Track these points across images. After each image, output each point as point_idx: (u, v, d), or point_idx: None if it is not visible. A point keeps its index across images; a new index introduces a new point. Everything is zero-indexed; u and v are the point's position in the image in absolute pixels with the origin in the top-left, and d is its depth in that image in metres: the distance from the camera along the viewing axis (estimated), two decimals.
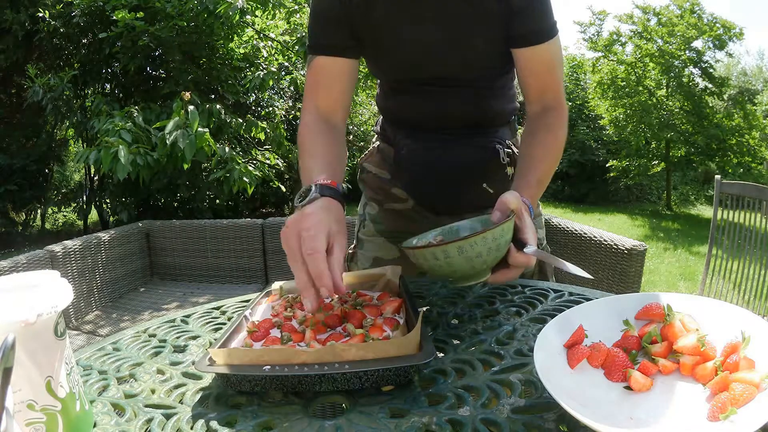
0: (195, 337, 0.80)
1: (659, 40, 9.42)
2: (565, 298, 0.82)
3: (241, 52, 4.85)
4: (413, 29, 0.91)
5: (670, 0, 9.40)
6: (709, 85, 9.49)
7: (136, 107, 3.65)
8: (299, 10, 4.42)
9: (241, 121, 4.28)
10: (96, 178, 6.01)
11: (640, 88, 9.78)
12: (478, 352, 0.67)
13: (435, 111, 1.01)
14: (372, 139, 1.23)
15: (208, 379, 0.65)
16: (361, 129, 7.12)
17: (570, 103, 10.73)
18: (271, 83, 4.62)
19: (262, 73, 4.50)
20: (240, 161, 3.79)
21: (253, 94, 5.28)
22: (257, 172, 3.89)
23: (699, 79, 9.61)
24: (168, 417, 0.57)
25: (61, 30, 4.73)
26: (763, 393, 0.47)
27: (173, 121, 3.19)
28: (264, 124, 4.45)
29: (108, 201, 5.80)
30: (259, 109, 5.55)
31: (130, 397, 0.62)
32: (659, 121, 9.44)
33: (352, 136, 7.07)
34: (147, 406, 0.60)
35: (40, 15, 4.64)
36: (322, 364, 0.57)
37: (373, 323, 0.68)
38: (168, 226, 3.18)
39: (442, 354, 0.67)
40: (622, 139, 10.13)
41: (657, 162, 9.96)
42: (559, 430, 0.50)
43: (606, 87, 10.08)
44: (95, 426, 0.56)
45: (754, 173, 9.21)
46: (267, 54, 4.81)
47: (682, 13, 9.21)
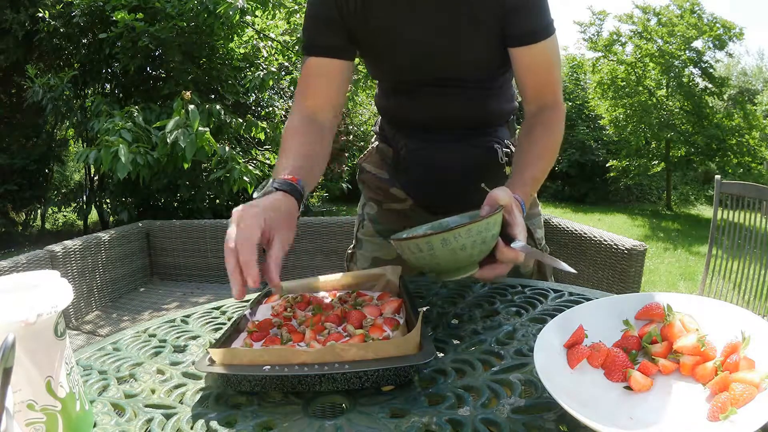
0: (195, 337, 0.80)
1: (659, 40, 9.42)
2: (565, 298, 0.82)
3: (241, 52, 4.85)
4: (411, 31, 0.91)
5: (670, 0, 9.40)
6: (709, 85, 9.49)
7: (136, 107, 3.65)
8: (299, 10, 4.42)
9: (241, 121, 4.28)
10: (96, 178, 6.01)
11: (640, 88, 9.78)
12: (478, 352, 0.67)
13: (434, 111, 1.01)
14: (371, 139, 1.23)
15: (208, 379, 0.65)
16: (361, 129, 7.12)
17: (570, 103, 10.74)
18: (271, 83, 4.62)
19: (262, 73, 4.50)
20: (240, 161, 3.79)
21: (253, 94, 5.27)
22: (257, 172, 3.89)
23: (699, 79, 9.61)
24: (168, 417, 0.57)
25: (61, 30, 4.73)
26: (763, 393, 0.47)
27: (174, 121, 3.19)
28: (264, 124, 4.45)
29: (108, 201, 5.80)
30: (259, 109, 5.54)
31: (130, 397, 0.62)
32: (659, 121, 9.44)
33: (352, 136, 7.08)
34: (147, 406, 0.60)
35: (40, 15, 4.63)
36: (322, 364, 0.57)
37: (373, 323, 0.68)
38: (168, 226, 3.18)
39: (442, 354, 0.67)
40: (622, 139, 10.13)
41: (657, 162, 9.96)
42: (559, 430, 0.50)
43: (606, 87, 10.08)
44: (95, 426, 0.56)
45: (754, 173, 9.20)
46: (267, 54, 4.81)
47: (682, 13, 9.21)
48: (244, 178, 3.67)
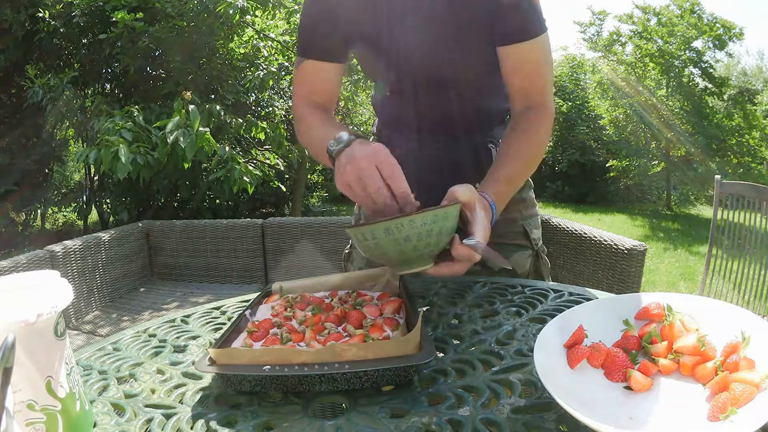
0: (195, 337, 0.80)
1: (659, 40, 9.42)
2: (565, 298, 0.82)
3: (241, 52, 4.85)
4: (407, 32, 0.91)
5: (670, 0, 9.40)
6: (709, 85, 9.48)
7: (137, 107, 3.65)
8: (299, 10, 4.42)
9: (241, 121, 4.28)
10: (96, 178, 6.01)
11: (640, 88, 9.78)
12: (478, 352, 0.67)
13: (429, 111, 1.01)
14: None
15: (208, 379, 0.65)
16: (361, 129, 7.12)
17: (570, 103, 10.73)
18: (271, 83, 4.62)
19: (262, 73, 4.50)
20: (240, 161, 3.79)
21: (253, 94, 5.27)
22: (257, 172, 3.89)
23: (699, 79, 9.60)
24: (168, 417, 0.57)
25: (61, 30, 4.74)
26: (763, 393, 0.47)
27: (174, 121, 3.19)
28: (264, 124, 4.45)
29: (108, 201, 5.81)
30: (259, 109, 5.54)
31: (130, 397, 0.62)
32: (659, 121, 9.44)
33: None
34: (147, 406, 0.60)
35: (40, 15, 4.63)
36: (322, 364, 0.57)
37: (373, 323, 0.69)
38: (168, 226, 3.18)
39: (442, 354, 0.67)
40: (622, 139, 10.13)
41: (657, 162, 9.96)
42: (559, 430, 0.50)
43: (606, 87, 10.08)
44: (95, 426, 0.56)
45: (754, 173, 9.20)
46: (267, 54, 4.81)
47: (682, 13, 9.21)
48: (244, 178, 3.67)
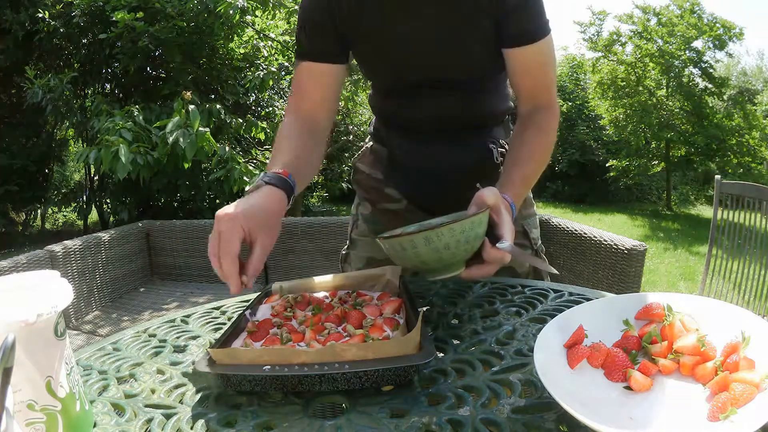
0: (195, 337, 0.80)
1: (659, 40, 9.43)
2: (565, 298, 0.82)
3: (241, 52, 4.85)
4: (406, 32, 0.91)
5: (670, 0, 9.40)
6: (709, 86, 9.49)
7: (137, 107, 3.65)
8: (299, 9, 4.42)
9: (241, 121, 4.28)
10: (96, 178, 6.01)
11: (640, 88, 9.78)
12: (478, 352, 0.67)
13: (428, 112, 1.00)
14: (366, 139, 1.23)
15: (208, 379, 0.65)
16: (361, 129, 7.12)
17: (570, 103, 10.73)
18: (271, 83, 4.62)
19: (262, 73, 4.50)
20: (240, 161, 3.79)
21: (253, 94, 5.28)
22: (257, 172, 3.89)
23: (699, 80, 9.61)
24: (168, 417, 0.57)
25: (61, 30, 4.73)
26: (763, 393, 0.47)
27: (174, 121, 3.19)
28: (264, 124, 4.45)
29: (108, 201, 5.81)
30: (259, 109, 5.55)
31: (130, 397, 0.62)
32: (659, 121, 9.44)
33: (352, 136, 7.07)
34: (147, 406, 0.60)
35: (40, 15, 4.63)
36: (322, 364, 0.57)
37: (373, 323, 0.68)
38: (168, 226, 3.18)
39: (442, 354, 0.67)
40: (622, 139, 10.13)
41: (657, 162, 9.97)
42: (559, 430, 0.50)
43: (606, 87, 10.08)
44: (95, 426, 0.56)
45: (754, 173, 9.21)
46: (267, 54, 4.81)
47: (682, 13, 9.21)
48: (244, 178, 3.67)
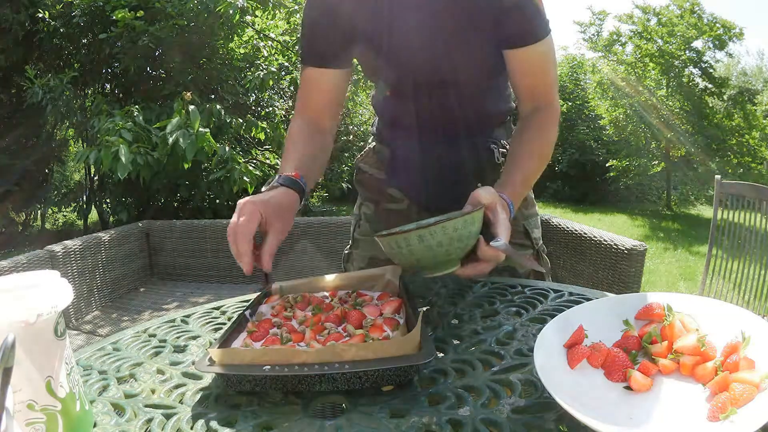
0: (195, 337, 0.80)
1: (659, 40, 9.41)
2: (565, 298, 0.82)
3: (241, 52, 4.85)
4: (407, 34, 0.91)
5: (670, 0, 9.40)
6: (709, 86, 9.47)
7: (137, 107, 3.65)
8: (299, 10, 4.43)
9: (241, 121, 4.27)
10: (96, 178, 6.01)
11: (640, 88, 9.77)
12: (478, 352, 0.67)
13: (431, 113, 1.01)
14: (369, 139, 1.24)
15: (208, 379, 0.65)
16: (361, 129, 7.12)
17: (570, 103, 10.72)
18: (271, 83, 4.62)
19: (262, 73, 4.50)
20: (240, 161, 3.79)
21: (253, 94, 5.27)
22: (257, 172, 3.89)
23: (699, 80, 9.60)
24: (168, 417, 0.57)
25: (61, 30, 4.73)
26: (763, 393, 0.47)
27: (174, 121, 3.19)
28: (264, 124, 4.45)
29: (108, 201, 5.80)
30: (259, 109, 5.54)
31: (130, 397, 0.62)
32: (659, 121, 9.44)
33: (352, 136, 7.07)
34: (147, 406, 0.60)
35: (40, 15, 4.63)
36: (322, 364, 0.57)
37: (373, 323, 0.68)
38: (168, 226, 3.18)
39: (442, 354, 0.67)
40: (622, 139, 10.12)
41: (657, 162, 9.96)
42: (559, 430, 0.50)
43: (606, 87, 10.07)
44: (95, 426, 0.56)
45: (754, 173, 9.19)
46: (267, 54, 4.81)
47: (682, 13, 9.20)
48: (244, 178, 3.67)
